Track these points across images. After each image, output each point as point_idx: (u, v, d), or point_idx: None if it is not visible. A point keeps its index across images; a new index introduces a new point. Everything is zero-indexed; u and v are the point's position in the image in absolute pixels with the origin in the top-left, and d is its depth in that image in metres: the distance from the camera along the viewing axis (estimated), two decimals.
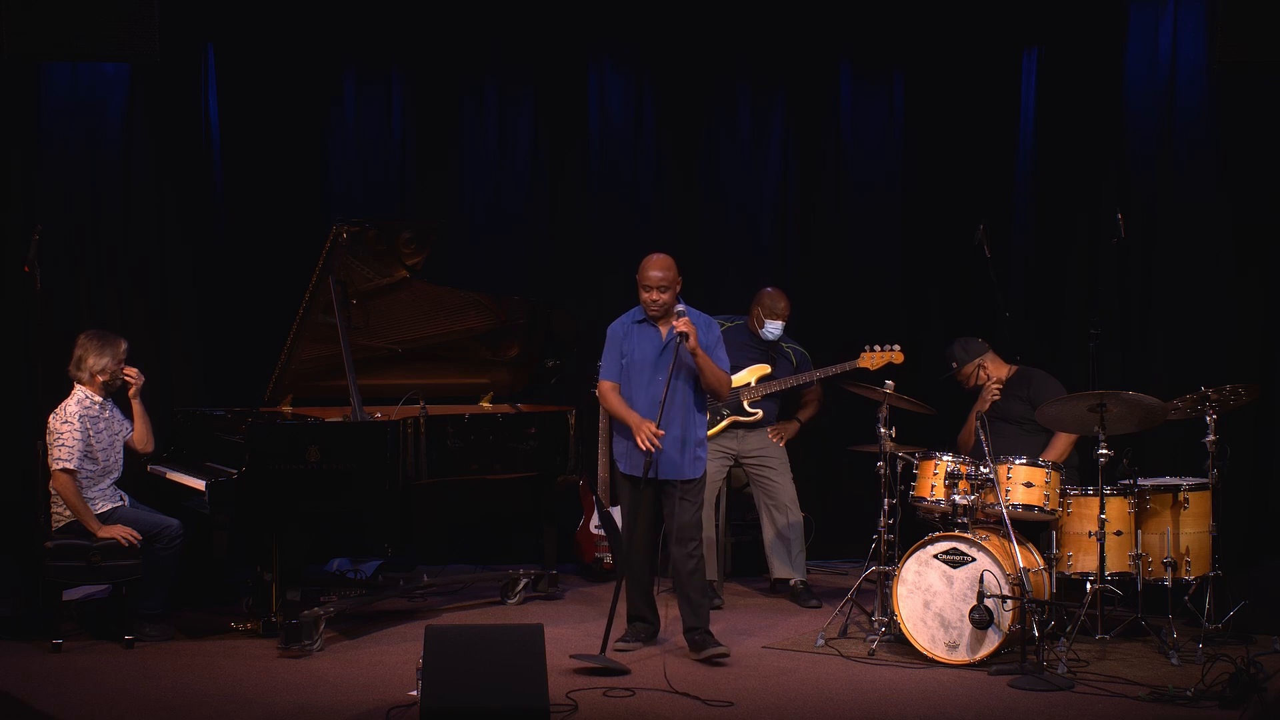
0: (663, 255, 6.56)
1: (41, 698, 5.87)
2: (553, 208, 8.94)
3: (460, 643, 5.43)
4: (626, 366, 6.58)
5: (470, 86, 8.83)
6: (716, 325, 6.70)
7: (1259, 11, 7.35)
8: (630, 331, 6.61)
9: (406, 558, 8.28)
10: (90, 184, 8.18)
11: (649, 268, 6.52)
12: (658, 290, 6.48)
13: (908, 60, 8.94)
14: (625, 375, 6.58)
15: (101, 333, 7.04)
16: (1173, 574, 6.67)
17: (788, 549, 7.78)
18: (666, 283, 6.48)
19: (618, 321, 6.69)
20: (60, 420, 6.79)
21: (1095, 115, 8.24)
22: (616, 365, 6.62)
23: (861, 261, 9.00)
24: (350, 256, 6.96)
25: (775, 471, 7.80)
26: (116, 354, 6.92)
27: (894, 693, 6.01)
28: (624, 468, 6.62)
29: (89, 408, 6.86)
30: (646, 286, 6.51)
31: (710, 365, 6.48)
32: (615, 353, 6.62)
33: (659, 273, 6.49)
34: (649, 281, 6.50)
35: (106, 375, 6.90)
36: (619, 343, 6.62)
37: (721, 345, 6.63)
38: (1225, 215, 7.84)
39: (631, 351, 6.57)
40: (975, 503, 6.60)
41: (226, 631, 6.93)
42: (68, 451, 6.72)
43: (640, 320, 6.61)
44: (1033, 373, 7.33)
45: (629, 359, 6.57)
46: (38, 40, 7.44)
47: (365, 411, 7.02)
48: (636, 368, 6.56)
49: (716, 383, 6.54)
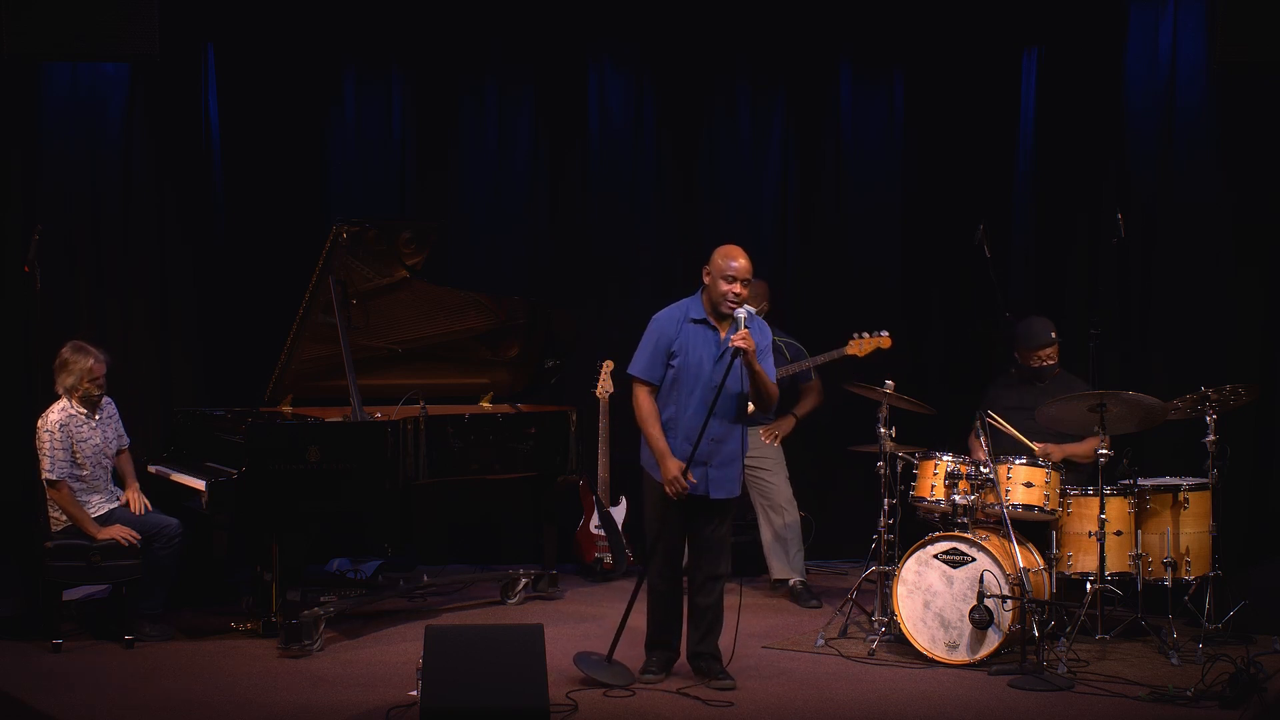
0: (741, 247, 5.94)
1: (41, 698, 5.87)
2: (553, 208, 8.94)
3: (460, 643, 5.43)
4: (677, 370, 5.90)
5: (470, 86, 8.83)
6: (769, 330, 6.11)
7: (1259, 11, 7.35)
8: (684, 331, 5.92)
9: (406, 558, 8.28)
10: (90, 184, 8.18)
11: (732, 257, 5.83)
12: (741, 284, 5.84)
13: (908, 60, 8.94)
14: (672, 380, 5.92)
15: (76, 345, 6.90)
16: (1173, 574, 6.67)
17: (785, 549, 7.78)
18: (749, 274, 5.87)
19: (666, 315, 5.99)
20: (44, 429, 6.78)
21: (1095, 115, 8.24)
22: (660, 364, 5.92)
23: (861, 261, 9.00)
24: (350, 256, 6.96)
25: (770, 472, 7.79)
26: (84, 369, 6.78)
27: (894, 693, 6.01)
28: (658, 477, 5.95)
29: (72, 415, 6.83)
30: (729, 278, 5.81)
31: (765, 380, 5.86)
32: (661, 351, 5.92)
33: (743, 262, 5.83)
34: (732, 272, 5.82)
35: (78, 393, 6.82)
36: (669, 340, 5.91)
37: (771, 354, 6.04)
38: (1225, 215, 7.84)
39: (685, 354, 5.90)
40: (975, 503, 6.60)
41: (226, 631, 6.93)
42: (50, 462, 6.71)
43: (697, 319, 5.95)
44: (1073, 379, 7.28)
45: (680, 361, 5.90)
46: (38, 40, 7.44)
47: (365, 411, 7.02)
48: (689, 375, 5.89)
49: (768, 396, 5.92)
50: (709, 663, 6.08)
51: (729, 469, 5.98)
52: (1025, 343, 7.25)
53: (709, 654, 6.09)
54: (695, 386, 5.90)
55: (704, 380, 5.89)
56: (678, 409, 5.94)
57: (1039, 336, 7.21)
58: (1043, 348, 7.21)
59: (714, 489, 5.96)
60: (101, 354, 6.89)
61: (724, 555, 6.08)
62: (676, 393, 5.94)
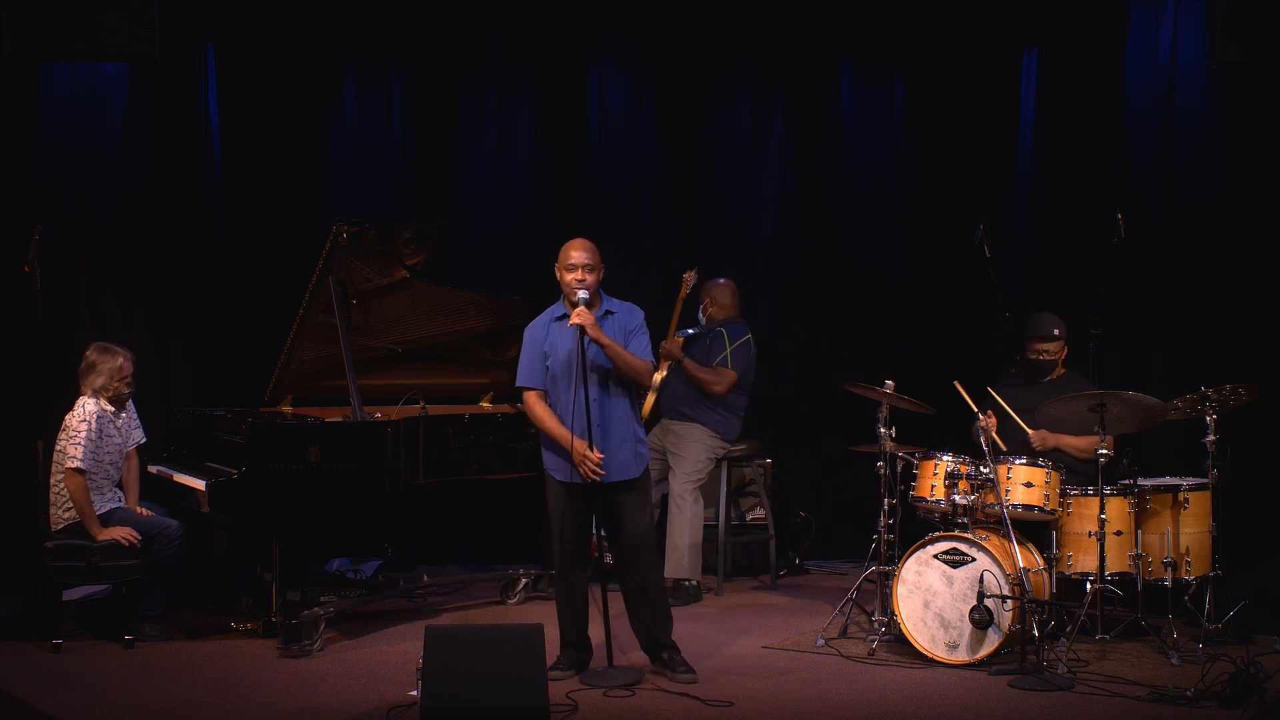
0: (583, 238, 6.17)
1: (41, 698, 5.87)
2: (553, 208, 8.93)
3: (460, 643, 5.42)
4: (551, 369, 6.13)
5: (470, 86, 8.83)
6: (639, 311, 6.25)
7: (1259, 11, 7.36)
8: (550, 331, 6.17)
9: (406, 558, 8.28)
10: (90, 184, 8.18)
11: (571, 248, 6.10)
12: (583, 269, 6.04)
13: (908, 60, 8.94)
14: (551, 379, 6.13)
15: (101, 346, 6.98)
16: (1173, 574, 6.67)
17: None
18: (592, 263, 6.06)
19: (536, 321, 6.26)
20: (78, 419, 6.79)
21: (1095, 115, 8.24)
22: (540, 369, 6.16)
23: (861, 261, 9.00)
24: (350, 256, 6.96)
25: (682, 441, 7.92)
26: (114, 368, 6.89)
27: (894, 693, 6.01)
28: (559, 476, 6.11)
29: (102, 413, 6.87)
30: (570, 266, 6.05)
31: (618, 352, 6.00)
32: (537, 355, 6.17)
33: (580, 252, 6.07)
34: (572, 260, 6.05)
35: (109, 392, 6.90)
36: (539, 345, 6.17)
37: (643, 332, 6.18)
38: (1225, 215, 7.84)
39: (555, 351, 6.12)
40: (975, 503, 6.60)
41: (226, 631, 6.93)
42: (82, 451, 6.72)
43: (560, 317, 6.15)
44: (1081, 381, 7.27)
45: (552, 359, 6.12)
46: (38, 40, 7.44)
47: (365, 411, 7.02)
48: (562, 369, 6.10)
49: (630, 370, 6.06)
50: (670, 654, 6.18)
51: (622, 450, 6.09)
52: (1030, 330, 7.29)
53: (666, 645, 6.19)
54: (570, 378, 6.07)
55: (574, 369, 6.04)
56: (561, 403, 6.11)
57: (1042, 328, 7.23)
58: (1043, 340, 7.21)
59: (612, 471, 6.05)
60: (128, 352, 6.97)
61: (649, 535, 6.21)
62: (556, 389, 6.14)
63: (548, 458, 6.17)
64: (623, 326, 6.14)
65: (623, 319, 6.16)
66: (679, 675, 6.11)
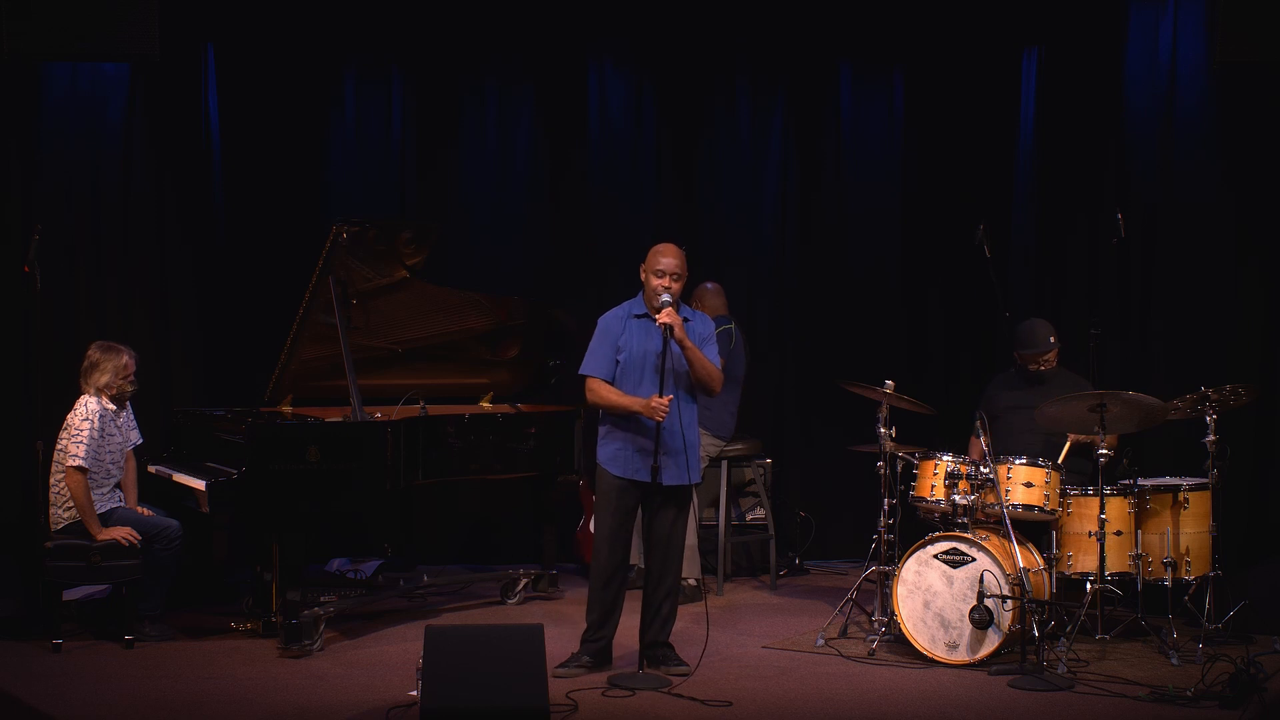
0: (674, 244, 6.26)
1: (41, 698, 5.87)
2: (553, 208, 8.94)
3: (460, 643, 5.43)
4: (623, 363, 6.21)
5: (470, 86, 8.83)
6: (712, 322, 6.47)
7: (1259, 11, 7.37)
8: (629, 326, 6.26)
9: (406, 558, 8.28)
10: (90, 184, 8.18)
11: (663, 254, 6.16)
12: (670, 278, 6.13)
13: (908, 60, 8.94)
14: (621, 372, 6.21)
15: (104, 345, 7.00)
16: (1173, 574, 6.67)
17: None
18: (680, 271, 6.15)
19: (612, 314, 6.33)
20: (80, 417, 6.79)
21: (1095, 115, 8.24)
22: (609, 361, 6.23)
23: (861, 261, 9.00)
24: (350, 256, 6.95)
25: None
26: (118, 366, 6.90)
27: (894, 693, 6.01)
28: (617, 471, 6.20)
29: (104, 412, 6.87)
30: (659, 273, 6.13)
31: (699, 357, 6.14)
32: (609, 347, 6.23)
33: (672, 259, 6.15)
34: (661, 267, 6.13)
35: (112, 390, 6.91)
36: (614, 338, 6.24)
37: (714, 342, 6.33)
38: (1225, 215, 7.84)
39: (630, 346, 6.21)
40: (975, 503, 6.60)
41: (226, 631, 6.93)
42: (84, 449, 6.72)
43: (640, 315, 6.26)
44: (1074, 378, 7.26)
45: (626, 354, 6.20)
46: (38, 40, 7.45)
47: (365, 411, 7.02)
48: (634, 364, 6.19)
49: (706, 376, 6.18)
50: (664, 651, 6.28)
51: (679, 456, 6.14)
52: (1024, 346, 7.24)
53: (662, 643, 6.29)
54: (641, 376, 6.17)
55: (648, 368, 6.16)
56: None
57: (1038, 342, 7.20)
58: (1041, 354, 7.21)
59: (665, 475, 6.11)
60: (130, 350, 6.98)
61: (674, 552, 6.27)
62: (625, 383, 6.21)
63: (605, 451, 6.24)
64: (698, 334, 6.24)
65: (698, 327, 6.28)
66: (672, 668, 6.19)
